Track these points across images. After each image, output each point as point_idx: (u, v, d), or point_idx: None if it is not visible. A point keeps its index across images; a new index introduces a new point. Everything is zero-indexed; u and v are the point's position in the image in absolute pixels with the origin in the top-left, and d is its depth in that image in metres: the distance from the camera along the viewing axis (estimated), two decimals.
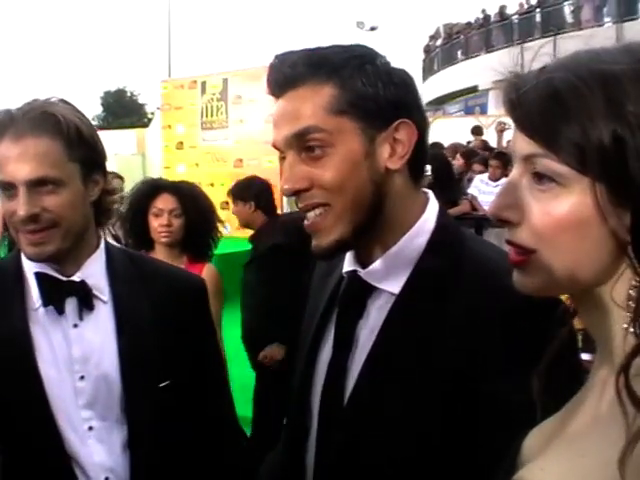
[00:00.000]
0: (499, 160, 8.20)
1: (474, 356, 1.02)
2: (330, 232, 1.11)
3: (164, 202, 3.20)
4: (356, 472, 1.12)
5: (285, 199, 10.81)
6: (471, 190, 8.38)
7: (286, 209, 7.30)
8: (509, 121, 0.78)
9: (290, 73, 1.10)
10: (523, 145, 0.75)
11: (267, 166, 10.11)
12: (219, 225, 3.48)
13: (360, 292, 1.17)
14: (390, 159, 1.10)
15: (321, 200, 1.09)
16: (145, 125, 20.02)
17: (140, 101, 51.00)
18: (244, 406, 4.46)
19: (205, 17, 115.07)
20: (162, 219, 3.17)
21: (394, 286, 1.13)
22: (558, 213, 0.72)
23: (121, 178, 6.27)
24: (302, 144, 1.09)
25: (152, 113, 30.85)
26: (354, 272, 1.18)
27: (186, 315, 1.55)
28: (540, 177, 0.74)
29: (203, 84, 10.87)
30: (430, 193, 1.20)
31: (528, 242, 0.75)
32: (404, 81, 1.12)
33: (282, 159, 1.14)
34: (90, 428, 1.43)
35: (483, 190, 8.20)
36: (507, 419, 0.95)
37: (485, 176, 8.44)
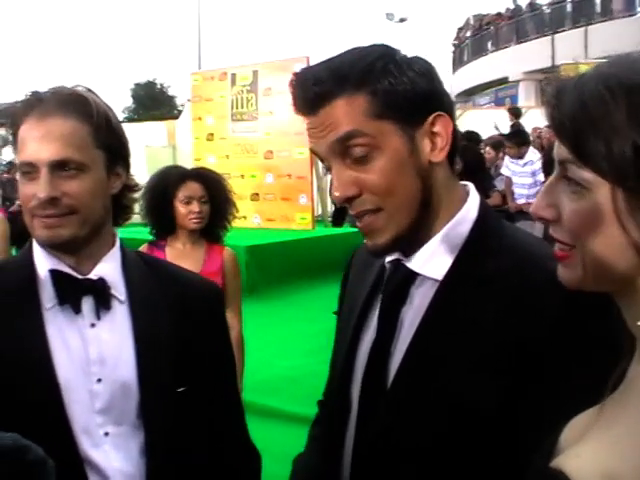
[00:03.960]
0: (512, 141, 8.32)
1: (515, 346, 1.04)
2: (385, 232, 1.13)
3: (191, 190, 3.24)
4: (396, 456, 1.14)
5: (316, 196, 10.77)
6: (503, 171, 8.34)
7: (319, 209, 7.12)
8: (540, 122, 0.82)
9: (319, 90, 1.09)
10: (559, 150, 0.81)
11: (298, 157, 10.13)
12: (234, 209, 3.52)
13: (404, 279, 1.19)
14: (432, 153, 1.12)
15: (372, 206, 1.10)
16: (175, 117, 20.15)
17: (170, 93, 51.35)
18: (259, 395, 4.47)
19: (235, 8, 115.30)
20: (194, 206, 3.22)
21: (437, 272, 1.15)
22: (583, 214, 0.79)
23: None
24: (345, 150, 1.11)
25: (182, 105, 31.01)
26: (397, 261, 1.20)
27: (203, 320, 1.49)
28: (570, 180, 0.80)
29: (233, 76, 10.89)
30: (470, 184, 1.22)
31: (564, 238, 0.82)
32: (427, 70, 1.13)
33: (329, 168, 1.16)
34: (106, 434, 1.35)
35: (514, 170, 8.19)
36: (542, 414, 0.96)
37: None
